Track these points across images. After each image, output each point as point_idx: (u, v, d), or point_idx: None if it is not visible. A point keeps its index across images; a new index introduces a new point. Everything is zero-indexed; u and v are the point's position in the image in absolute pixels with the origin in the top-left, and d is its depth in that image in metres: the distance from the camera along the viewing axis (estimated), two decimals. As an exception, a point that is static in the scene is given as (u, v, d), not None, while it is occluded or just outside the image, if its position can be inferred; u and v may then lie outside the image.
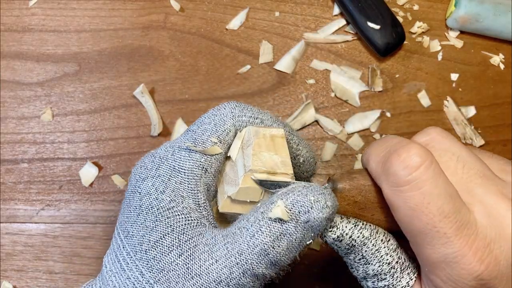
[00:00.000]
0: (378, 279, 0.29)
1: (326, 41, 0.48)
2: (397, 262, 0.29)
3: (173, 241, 0.27)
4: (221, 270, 0.26)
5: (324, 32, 0.48)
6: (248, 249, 0.26)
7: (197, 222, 0.28)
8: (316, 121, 0.46)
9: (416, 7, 0.49)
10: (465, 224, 0.25)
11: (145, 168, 0.30)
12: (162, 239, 0.27)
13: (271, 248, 0.26)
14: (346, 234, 0.29)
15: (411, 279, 0.29)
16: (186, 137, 0.30)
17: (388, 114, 0.47)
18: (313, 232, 0.27)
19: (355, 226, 0.29)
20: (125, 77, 0.47)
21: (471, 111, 0.47)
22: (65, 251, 0.44)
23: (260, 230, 0.26)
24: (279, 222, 0.26)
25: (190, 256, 0.27)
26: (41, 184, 0.45)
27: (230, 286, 0.26)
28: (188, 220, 0.28)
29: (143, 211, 0.28)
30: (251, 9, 0.49)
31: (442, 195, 0.25)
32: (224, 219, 0.32)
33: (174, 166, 0.29)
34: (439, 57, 0.48)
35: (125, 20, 0.48)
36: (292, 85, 0.47)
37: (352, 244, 0.29)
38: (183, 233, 0.27)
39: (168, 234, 0.27)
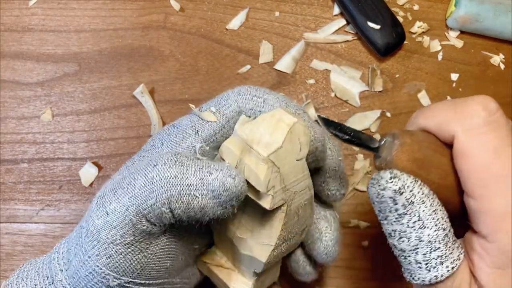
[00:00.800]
0: (431, 249, 0.27)
1: (326, 41, 0.48)
2: (449, 230, 0.27)
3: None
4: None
5: (324, 32, 0.48)
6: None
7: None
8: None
9: (416, 7, 0.49)
10: None
11: (159, 132, 0.33)
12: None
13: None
14: (408, 187, 0.27)
15: (461, 253, 0.27)
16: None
17: (388, 114, 0.47)
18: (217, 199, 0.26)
19: (415, 181, 0.27)
20: (125, 77, 0.47)
21: (471, 111, 0.47)
22: (65, 251, 0.44)
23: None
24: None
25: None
26: (41, 184, 0.45)
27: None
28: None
29: (145, 151, 0.32)
30: (251, 9, 0.48)
31: None
32: None
33: (175, 123, 0.32)
34: (439, 57, 0.48)
35: (125, 20, 0.48)
36: (292, 85, 0.47)
37: (411, 201, 0.27)
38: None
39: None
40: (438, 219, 0.27)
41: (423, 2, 0.49)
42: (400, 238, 0.28)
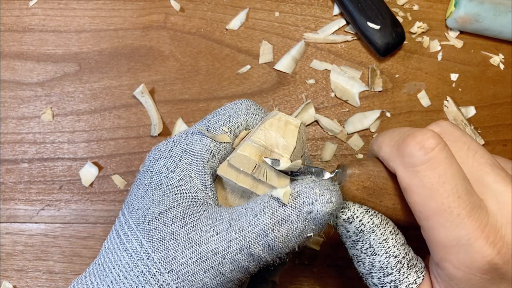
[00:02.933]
0: (384, 274, 0.29)
1: (326, 41, 0.48)
2: (404, 257, 0.29)
3: (178, 214, 0.28)
4: (220, 243, 0.27)
5: (324, 32, 0.48)
6: (248, 227, 0.27)
7: (203, 201, 0.29)
8: (316, 121, 0.46)
9: (416, 7, 0.49)
10: (477, 207, 0.26)
11: (159, 150, 0.32)
12: (167, 211, 0.28)
13: (270, 231, 0.26)
14: (357, 217, 0.29)
15: (419, 277, 0.29)
16: (201, 124, 0.32)
17: (388, 114, 0.47)
18: (314, 225, 0.27)
19: (366, 211, 0.29)
20: (125, 77, 0.47)
21: (471, 111, 0.47)
22: (65, 251, 0.44)
23: (263, 211, 0.27)
24: (283, 207, 0.27)
25: (193, 228, 0.28)
26: (41, 184, 0.45)
27: (226, 259, 0.27)
28: (195, 198, 0.29)
29: (152, 187, 0.30)
30: (251, 9, 0.49)
31: (456, 175, 0.26)
32: (228, 203, 0.33)
33: (185, 148, 0.31)
34: (439, 57, 0.48)
35: (125, 20, 0.48)
36: (292, 85, 0.47)
37: (361, 230, 0.29)
38: (188, 208, 0.29)
39: (174, 207, 0.28)
40: (389, 247, 0.29)
41: (423, 2, 0.49)
42: (357, 262, 0.30)
